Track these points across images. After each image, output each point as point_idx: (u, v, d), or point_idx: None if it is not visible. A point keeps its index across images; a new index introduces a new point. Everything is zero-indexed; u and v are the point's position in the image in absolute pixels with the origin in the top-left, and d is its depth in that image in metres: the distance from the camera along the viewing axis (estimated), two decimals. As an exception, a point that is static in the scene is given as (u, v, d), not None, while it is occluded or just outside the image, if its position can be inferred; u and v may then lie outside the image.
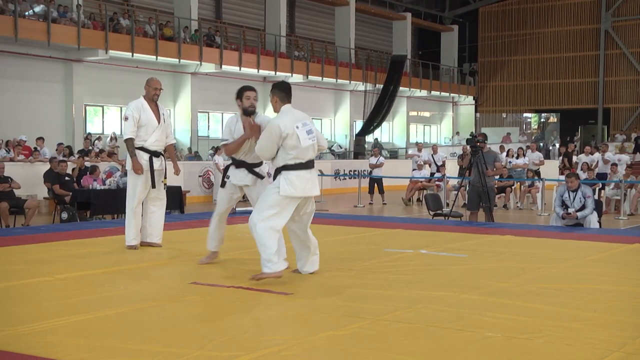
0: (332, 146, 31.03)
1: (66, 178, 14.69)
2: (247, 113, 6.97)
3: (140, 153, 8.27)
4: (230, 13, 31.42)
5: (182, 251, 8.25)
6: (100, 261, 7.54)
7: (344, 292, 5.97)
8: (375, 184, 20.72)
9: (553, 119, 40.78)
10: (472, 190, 12.45)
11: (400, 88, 32.76)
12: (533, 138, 37.52)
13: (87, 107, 24.45)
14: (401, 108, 37.05)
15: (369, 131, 32.33)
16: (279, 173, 6.37)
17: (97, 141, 22.07)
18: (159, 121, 8.34)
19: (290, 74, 28.54)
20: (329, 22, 35.53)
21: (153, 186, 8.36)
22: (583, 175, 18.22)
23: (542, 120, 41.20)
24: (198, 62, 25.54)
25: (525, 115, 41.05)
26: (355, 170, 24.60)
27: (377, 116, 31.70)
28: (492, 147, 15.04)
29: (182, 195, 15.65)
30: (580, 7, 39.17)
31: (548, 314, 5.22)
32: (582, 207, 11.05)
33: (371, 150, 24.84)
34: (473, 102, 41.76)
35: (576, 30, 39.29)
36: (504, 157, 21.76)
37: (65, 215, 13.71)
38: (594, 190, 17.68)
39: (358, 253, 8.18)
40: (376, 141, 32.49)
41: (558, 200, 11.38)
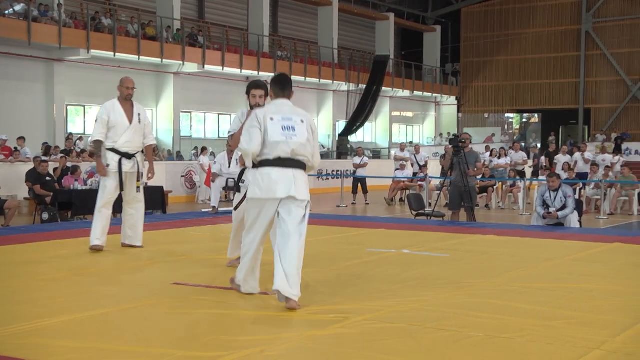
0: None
1: (47, 178, 14.59)
2: None
3: (110, 155, 8.09)
4: (213, 13, 31.34)
5: (165, 252, 8.22)
6: (81, 262, 7.50)
7: (327, 292, 5.97)
8: (359, 184, 20.74)
9: (535, 119, 41.01)
10: (454, 190, 12.50)
11: (383, 88, 32.84)
12: (515, 138, 37.72)
13: (69, 107, 24.31)
14: (384, 108, 37.11)
15: (352, 131, 32.36)
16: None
17: (79, 141, 21.95)
18: (131, 122, 8.13)
19: (273, 74, 28.36)
20: (312, 22, 35.53)
21: (121, 189, 8.15)
22: (564, 175, 18.34)
23: (524, 120, 41.42)
24: (181, 62, 25.46)
25: (507, 115, 41.26)
26: (338, 170, 24.63)
27: (360, 116, 31.75)
28: (475, 147, 15.11)
29: (165, 195, 15.59)
30: (561, 8, 39.41)
31: (530, 313, 5.25)
32: (563, 207, 11.13)
33: (354, 150, 24.88)
34: (455, 103, 41.92)
35: (557, 31, 39.53)
36: (488, 157, 21.88)
37: (46, 215, 13.62)
38: (575, 190, 17.81)
39: (341, 253, 8.18)
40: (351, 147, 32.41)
41: (539, 200, 11.46)
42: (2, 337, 4.53)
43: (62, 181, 14.91)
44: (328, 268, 7.13)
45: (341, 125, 33.37)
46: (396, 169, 21.57)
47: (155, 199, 14.86)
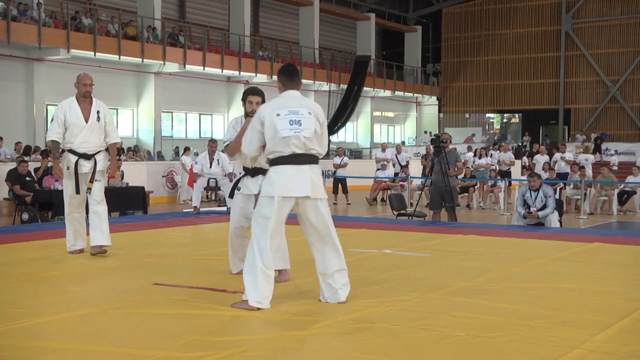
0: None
1: (27, 178, 14.48)
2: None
3: (68, 156, 7.75)
4: (194, 13, 31.27)
5: (145, 252, 8.18)
6: (62, 263, 7.45)
7: (309, 293, 5.97)
8: (339, 184, 20.75)
9: (515, 120, 41.25)
10: (435, 190, 12.53)
11: (364, 88, 32.87)
12: (495, 138, 37.89)
13: (49, 107, 24.13)
14: (365, 108, 37.17)
15: (333, 131, 32.33)
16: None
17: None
18: (87, 121, 7.68)
19: (254, 74, 28.48)
20: (293, 22, 35.52)
21: (77, 192, 7.75)
22: (544, 175, 18.46)
23: (505, 120, 41.64)
24: (161, 62, 25.37)
25: (487, 115, 41.46)
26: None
27: (342, 116, 31.73)
28: (457, 148, 15.15)
29: (146, 195, 15.52)
30: (541, 9, 39.68)
31: (511, 313, 5.27)
32: (544, 207, 11.20)
33: (335, 150, 24.89)
34: (436, 103, 42.06)
35: (537, 31, 39.79)
36: (471, 157, 21.99)
37: (26, 216, 13.53)
38: (555, 190, 17.92)
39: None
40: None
41: (520, 199, 11.52)
42: (-19, 339, 4.49)
43: (43, 181, 14.80)
44: (310, 268, 7.11)
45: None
46: (377, 169, 21.62)
47: (136, 199, 14.79)
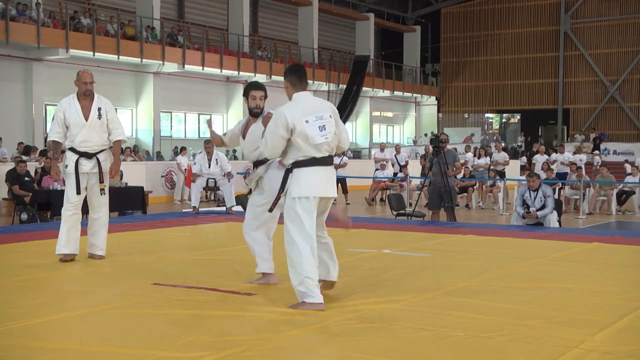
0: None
1: (26, 178, 14.46)
2: (253, 114, 6.38)
3: (69, 154, 7.46)
4: (192, 13, 31.26)
5: (144, 252, 8.17)
6: (60, 263, 7.43)
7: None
8: (339, 184, 20.75)
9: (514, 120, 41.27)
10: (434, 189, 12.53)
11: (363, 88, 32.85)
12: (495, 138, 37.91)
13: (48, 107, 24.11)
14: (364, 108, 37.15)
15: (332, 131, 32.34)
16: (290, 172, 5.45)
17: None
18: (88, 119, 7.39)
19: (253, 74, 28.47)
20: (292, 22, 35.51)
21: (77, 192, 7.42)
22: (543, 175, 18.46)
23: (504, 120, 41.66)
24: (160, 62, 25.35)
25: (486, 115, 41.47)
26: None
27: (341, 116, 31.65)
28: (457, 148, 15.15)
29: (145, 195, 15.51)
30: (540, 9, 39.68)
31: (509, 313, 5.27)
32: (543, 207, 11.20)
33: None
34: (435, 103, 42.05)
35: (536, 31, 39.80)
36: (471, 157, 21.98)
37: (25, 216, 13.52)
38: (554, 189, 17.92)
39: (321, 253, 8.16)
40: None
41: (519, 199, 11.52)
42: (-21, 339, 4.48)
43: (42, 181, 14.78)
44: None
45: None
46: (376, 169, 21.62)
47: (135, 199, 14.78)
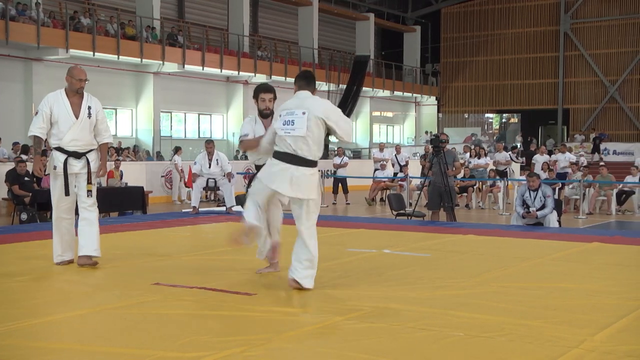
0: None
1: (26, 178, 14.46)
2: (263, 116, 6.66)
3: (56, 154, 7.07)
4: (192, 12, 31.26)
5: (144, 252, 8.17)
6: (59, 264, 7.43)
7: (307, 293, 5.97)
8: (339, 184, 20.76)
9: (514, 120, 41.27)
10: (433, 189, 12.54)
11: (363, 88, 32.83)
12: (495, 138, 37.91)
13: (47, 107, 24.11)
14: (364, 108, 37.16)
15: (333, 131, 32.33)
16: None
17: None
18: (78, 116, 7.03)
19: (253, 74, 28.48)
20: (292, 22, 35.50)
21: (66, 193, 7.06)
22: (543, 175, 18.47)
23: (504, 120, 41.66)
24: (160, 62, 25.35)
25: (486, 115, 41.47)
26: (318, 170, 24.58)
27: (341, 116, 31.74)
28: (456, 148, 15.15)
29: (145, 195, 15.53)
30: (540, 9, 39.67)
31: (509, 313, 5.27)
32: (543, 207, 11.20)
33: (335, 150, 24.88)
34: (435, 103, 42.05)
35: (536, 31, 39.79)
36: (467, 157, 21.98)
37: (25, 216, 13.52)
38: (554, 189, 17.92)
39: (321, 253, 8.11)
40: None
41: (519, 199, 11.52)
42: (-21, 339, 4.48)
43: (42, 181, 14.78)
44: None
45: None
46: (376, 169, 21.62)
47: (135, 199, 14.80)
